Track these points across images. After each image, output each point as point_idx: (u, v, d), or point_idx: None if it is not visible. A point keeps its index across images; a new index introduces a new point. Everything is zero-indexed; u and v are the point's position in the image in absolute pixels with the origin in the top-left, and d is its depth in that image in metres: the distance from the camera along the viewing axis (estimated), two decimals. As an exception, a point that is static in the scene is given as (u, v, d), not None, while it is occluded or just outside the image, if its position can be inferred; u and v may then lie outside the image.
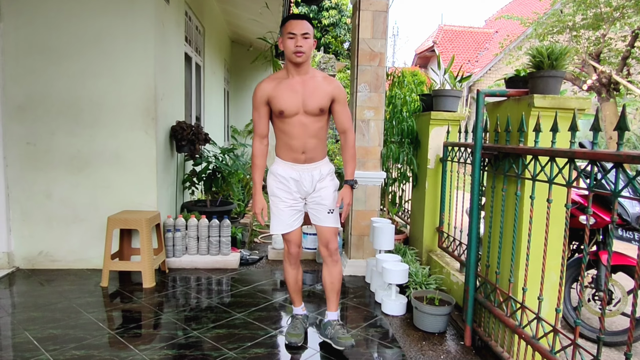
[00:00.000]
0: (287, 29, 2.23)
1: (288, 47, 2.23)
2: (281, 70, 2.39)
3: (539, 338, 2.03)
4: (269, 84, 2.32)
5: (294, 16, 2.27)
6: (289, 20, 2.25)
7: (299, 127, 2.30)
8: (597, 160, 1.71)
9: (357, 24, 3.55)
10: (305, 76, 2.30)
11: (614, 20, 8.87)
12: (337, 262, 2.45)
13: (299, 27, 2.21)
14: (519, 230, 2.26)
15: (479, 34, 19.17)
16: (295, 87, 2.28)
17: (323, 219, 2.42)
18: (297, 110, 2.28)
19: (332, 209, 2.42)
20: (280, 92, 2.27)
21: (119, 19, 3.43)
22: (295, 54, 2.21)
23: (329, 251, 2.43)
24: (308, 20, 2.26)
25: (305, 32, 2.21)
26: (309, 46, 2.24)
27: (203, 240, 3.83)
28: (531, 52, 2.31)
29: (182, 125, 3.93)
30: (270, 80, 2.34)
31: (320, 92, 2.29)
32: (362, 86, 3.60)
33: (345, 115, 2.40)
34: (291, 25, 2.22)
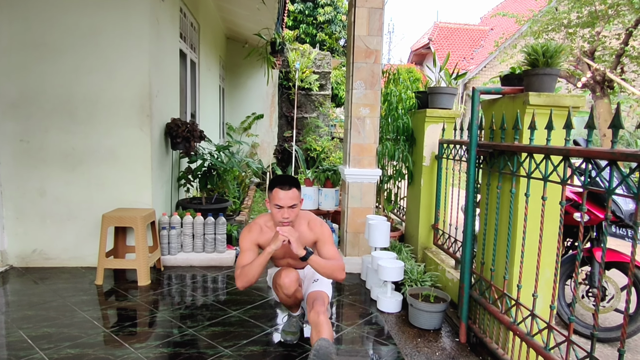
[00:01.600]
0: (274, 199, 2.23)
1: (275, 216, 2.24)
2: (268, 216, 2.39)
3: (533, 335, 2.04)
4: (257, 233, 2.36)
5: (281, 183, 2.24)
6: (275, 187, 2.24)
7: (287, 264, 2.47)
8: (592, 158, 1.72)
9: (353, 21, 3.54)
10: None
11: (609, 18, 8.91)
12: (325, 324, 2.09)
13: (285, 200, 2.20)
14: (513, 228, 2.27)
15: (474, 32, 19.19)
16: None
17: (310, 286, 2.39)
18: (283, 256, 2.42)
19: (317, 278, 2.41)
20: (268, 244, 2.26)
21: (114, 14, 3.40)
22: (282, 223, 2.23)
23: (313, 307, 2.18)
24: (296, 185, 2.26)
25: (293, 204, 2.22)
26: (296, 214, 2.26)
27: (198, 237, 3.82)
28: (526, 50, 2.32)
29: (177, 122, 3.91)
30: (258, 228, 2.36)
31: (304, 242, 2.31)
32: (357, 83, 3.59)
33: (329, 252, 2.34)
34: (278, 196, 2.21)
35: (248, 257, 2.30)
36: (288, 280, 2.27)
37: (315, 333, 2.04)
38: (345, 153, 3.74)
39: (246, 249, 2.33)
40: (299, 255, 2.18)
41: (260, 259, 2.21)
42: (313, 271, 2.44)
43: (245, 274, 2.22)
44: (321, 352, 1.95)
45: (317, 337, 2.01)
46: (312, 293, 2.30)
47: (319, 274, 2.40)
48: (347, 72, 3.72)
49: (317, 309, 2.15)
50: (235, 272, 2.28)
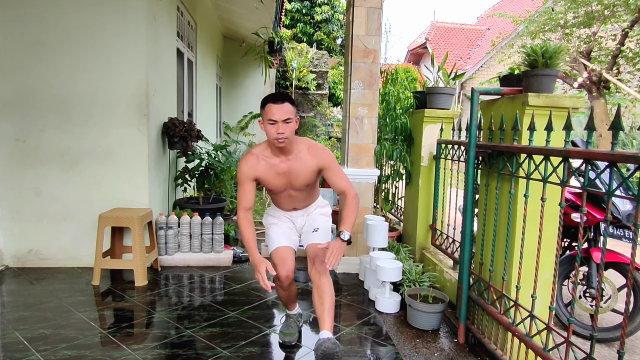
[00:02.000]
0: (267, 115, 2.10)
1: (269, 133, 2.11)
2: (264, 144, 2.26)
3: (532, 335, 2.05)
4: (254, 163, 2.21)
5: (274, 98, 2.12)
6: (268, 103, 2.11)
7: (287, 197, 2.37)
8: (591, 160, 1.72)
9: (351, 20, 3.53)
10: (289, 156, 2.22)
11: (605, 18, 8.95)
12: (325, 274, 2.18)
13: (279, 113, 2.07)
14: (512, 228, 2.27)
15: (471, 31, 19.23)
16: (281, 169, 2.23)
17: (310, 237, 2.35)
18: (284, 188, 2.30)
19: (318, 227, 2.37)
20: (267, 175, 2.22)
21: (111, 13, 3.37)
22: (277, 140, 2.10)
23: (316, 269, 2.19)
24: (289, 100, 2.15)
25: (287, 118, 2.09)
26: (292, 130, 2.12)
27: (196, 237, 3.80)
28: (525, 51, 2.32)
29: (174, 121, 3.89)
30: (255, 158, 2.22)
31: (305, 170, 2.24)
32: (356, 83, 3.58)
33: (338, 178, 2.28)
34: (271, 111, 2.08)
35: (246, 193, 2.23)
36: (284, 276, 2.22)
37: (319, 298, 2.11)
38: (343, 153, 3.73)
39: (242, 183, 2.22)
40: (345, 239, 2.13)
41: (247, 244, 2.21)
42: (313, 218, 2.40)
43: (240, 231, 2.26)
44: (327, 353, 1.94)
45: (320, 304, 2.09)
46: (313, 247, 2.27)
47: (318, 222, 2.38)
48: (345, 71, 3.71)
49: (318, 268, 2.16)
50: (238, 207, 2.27)
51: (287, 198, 2.35)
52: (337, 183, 2.29)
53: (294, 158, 2.24)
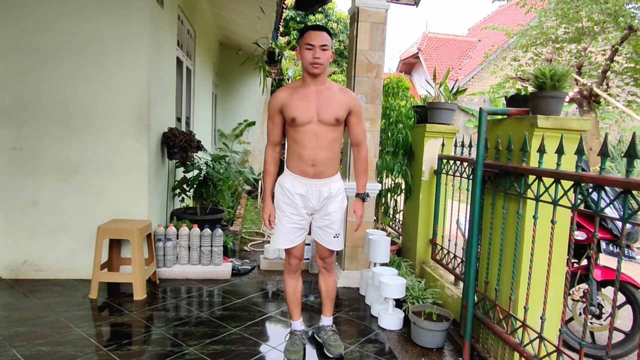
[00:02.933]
0: (305, 40, 2.21)
1: (305, 58, 2.21)
2: (297, 80, 2.37)
3: (541, 357, 2.05)
4: (283, 93, 2.30)
5: (312, 27, 2.26)
6: (307, 30, 2.23)
7: (311, 136, 2.27)
8: (603, 185, 1.73)
9: (355, 35, 3.54)
10: (321, 86, 2.29)
11: (595, 34, 9.14)
12: (332, 273, 2.60)
13: (317, 39, 2.19)
14: (520, 248, 2.28)
15: (462, 42, 19.48)
16: (309, 96, 2.26)
17: (329, 242, 2.45)
18: (310, 118, 2.25)
19: (339, 233, 2.43)
20: (294, 101, 2.25)
21: (113, 22, 3.34)
22: (313, 65, 2.20)
23: (325, 264, 2.56)
24: (327, 31, 2.24)
25: (324, 44, 2.20)
26: (327, 58, 2.23)
27: (194, 249, 3.76)
28: (534, 73, 2.34)
29: (174, 132, 3.85)
30: (286, 88, 2.33)
31: (335, 102, 2.28)
32: (359, 97, 3.59)
33: (360, 128, 2.42)
34: (310, 36, 2.20)
35: (274, 126, 2.36)
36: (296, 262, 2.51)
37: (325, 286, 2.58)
38: (345, 167, 3.73)
39: (271, 115, 2.34)
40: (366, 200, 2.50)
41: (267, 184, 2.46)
42: (334, 220, 2.40)
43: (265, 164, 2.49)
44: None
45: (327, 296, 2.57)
46: (327, 250, 2.49)
47: (337, 225, 2.42)
48: (348, 85, 3.71)
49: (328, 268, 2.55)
50: (267, 143, 2.44)
51: (311, 137, 2.25)
52: (357, 132, 2.41)
53: (326, 89, 2.30)
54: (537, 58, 10.45)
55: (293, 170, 2.37)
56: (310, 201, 2.36)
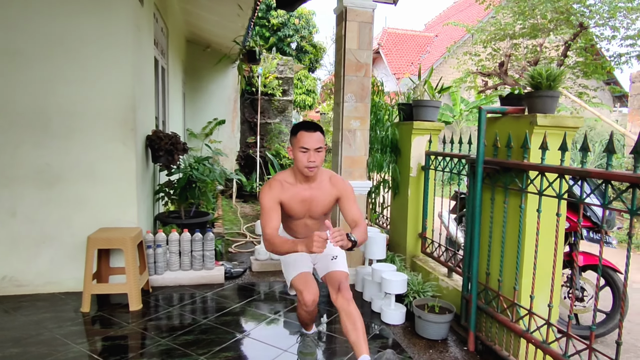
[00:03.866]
0: (299, 142, 2.13)
1: (300, 161, 2.14)
2: (288, 171, 2.30)
3: (550, 342, 2.18)
4: (276, 190, 2.21)
5: (305, 126, 2.17)
6: (300, 131, 2.15)
7: (303, 227, 2.36)
8: (611, 180, 1.86)
9: (344, 34, 3.56)
10: (313, 184, 2.25)
11: (549, 31, 9.64)
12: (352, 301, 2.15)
13: (312, 142, 2.11)
14: (522, 240, 2.40)
15: (420, 38, 19.95)
16: (303, 196, 2.25)
17: (330, 265, 2.34)
18: (302, 215, 2.30)
19: (336, 255, 2.37)
20: (290, 201, 2.23)
21: (93, 21, 3.17)
22: (308, 168, 2.14)
23: (341, 291, 2.16)
24: (321, 130, 2.19)
25: (319, 147, 2.14)
26: (321, 159, 2.18)
27: (186, 255, 3.66)
28: (530, 73, 2.46)
29: (159, 134, 3.72)
30: (279, 184, 2.23)
31: (326, 199, 2.28)
32: (348, 96, 3.62)
33: (354, 209, 2.29)
34: (304, 139, 2.12)
35: (273, 218, 2.16)
36: (311, 300, 2.15)
37: (352, 327, 2.05)
38: (336, 165, 3.75)
39: (269, 208, 2.17)
40: (347, 247, 2.03)
41: (286, 246, 2.06)
42: (331, 246, 2.32)
43: (271, 246, 2.11)
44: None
45: (354, 330, 2.05)
46: (335, 274, 2.26)
47: (337, 250, 2.36)
48: (337, 84, 3.74)
49: (345, 295, 2.12)
50: (263, 235, 2.16)
51: (302, 227, 2.35)
52: (351, 214, 2.28)
53: (317, 187, 2.27)
54: (496, 53, 10.90)
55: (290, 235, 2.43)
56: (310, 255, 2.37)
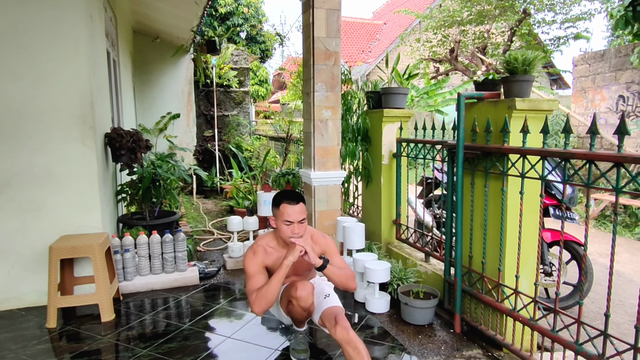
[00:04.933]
0: (282, 215, 2.18)
1: (284, 233, 2.19)
2: (270, 235, 2.33)
3: (537, 319, 2.26)
4: (262, 255, 2.27)
5: (288, 198, 2.21)
6: (282, 203, 2.19)
7: (289, 281, 2.34)
8: (595, 160, 1.93)
9: (312, 22, 3.48)
10: None
11: (495, 17, 10.01)
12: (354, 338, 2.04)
13: (295, 214, 2.17)
14: (505, 223, 2.46)
15: (369, 25, 20.10)
16: None
17: (323, 304, 2.27)
18: (289, 275, 2.31)
19: (328, 293, 2.34)
20: (275, 265, 2.27)
21: (45, 10, 2.88)
22: (291, 239, 2.17)
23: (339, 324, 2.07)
24: (302, 199, 2.25)
25: (302, 218, 2.19)
26: (304, 228, 2.23)
27: (156, 258, 3.48)
28: (505, 58, 2.50)
29: (119, 132, 3.48)
30: (261, 249, 2.28)
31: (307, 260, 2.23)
32: (319, 86, 3.55)
33: (340, 264, 2.33)
34: (287, 212, 2.17)
35: (260, 281, 2.20)
36: (305, 293, 2.17)
37: (355, 353, 1.99)
38: (309, 157, 3.68)
39: (255, 273, 2.23)
40: (316, 265, 2.16)
41: (279, 275, 2.12)
42: (322, 287, 2.38)
43: (263, 296, 2.11)
44: None
45: (357, 355, 1.97)
46: (330, 309, 2.22)
47: (328, 290, 2.36)
48: (307, 74, 3.65)
49: (343, 324, 2.08)
50: (249, 298, 2.16)
51: (288, 282, 2.34)
52: (336, 263, 2.31)
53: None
54: (446, 40, 11.19)
55: None
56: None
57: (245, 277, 2.25)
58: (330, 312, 2.20)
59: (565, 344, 2.06)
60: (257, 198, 4.07)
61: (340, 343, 2.05)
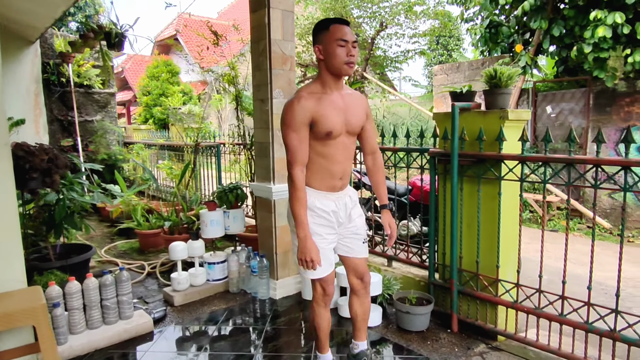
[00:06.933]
0: (335, 34, 1.90)
1: (339, 56, 1.90)
2: (312, 83, 2.03)
3: (542, 307, 2.52)
4: (309, 101, 1.93)
5: (337, 19, 1.96)
6: (334, 24, 1.93)
7: (342, 149, 2.06)
8: (600, 165, 2.24)
9: (267, 22, 3.19)
10: (342, 91, 2.05)
11: (357, 27, 10.81)
12: (369, 294, 2.30)
13: (350, 34, 1.93)
14: (500, 224, 2.67)
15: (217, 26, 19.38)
16: (338, 104, 2.00)
17: (358, 250, 2.23)
18: (341, 130, 2.02)
19: (365, 238, 2.26)
20: (326, 111, 1.95)
21: None
22: (348, 64, 1.93)
23: (364, 283, 2.26)
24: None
25: (355, 40, 1.95)
26: (358, 54, 2.03)
27: (94, 307, 2.73)
28: (489, 73, 2.72)
29: (28, 149, 2.62)
30: (309, 95, 1.95)
31: (358, 109, 2.11)
32: (277, 92, 3.29)
33: (374, 133, 2.25)
34: (341, 31, 1.90)
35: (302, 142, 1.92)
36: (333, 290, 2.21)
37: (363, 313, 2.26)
38: (267, 169, 3.36)
39: (297, 128, 1.90)
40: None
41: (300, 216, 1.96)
42: (360, 225, 2.20)
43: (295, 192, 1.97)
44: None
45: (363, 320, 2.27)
46: (361, 261, 2.23)
47: (362, 229, 2.23)
48: (260, 79, 3.32)
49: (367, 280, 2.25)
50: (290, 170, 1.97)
51: (341, 150, 2.04)
52: (372, 137, 2.24)
53: (347, 94, 2.07)
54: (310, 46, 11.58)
55: (320, 187, 2.07)
56: (340, 216, 2.14)
57: (284, 137, 1.94)
58: (360, 265, 2.22)
59: (577, 325, 2.35)
60: (202, 218, 3.55)
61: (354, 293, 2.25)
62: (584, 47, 5.45)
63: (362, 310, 2.27)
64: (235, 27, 4.65)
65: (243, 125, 4.35)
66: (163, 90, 13.32)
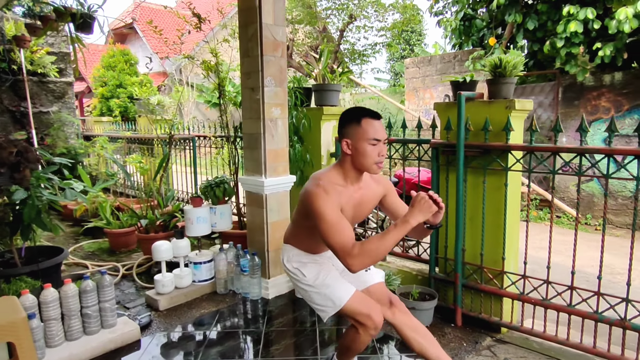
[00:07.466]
0: (367, 133, 1.74)
1: (370, 156, 1.76)
2: (333, 171, 1.85)
3: (550, 298, 2.50)
4: (336, 194, 1.76)
5: (366, 111, 1.81)
6: (366, 117, 1.76)
7: None
8: (613, 154, 2.23)
9: (258, 5, 2.98)
10: (361, 184, 1.90)
11: (325, 19, 10.64)
12: (407, 311, 2.01)
13: (383, 131, 1.79)
14: (507, 214, 2.63)
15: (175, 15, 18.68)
16: (354, 199, 1.87)
17: (370, 277, 2.06)
18: (351, 223, 1.88)
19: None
20: (345, 207, 1.81)
21: None
22: (377, 164, 1.78)
23: (396, 306, 1.99)
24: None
25: (387, 137, 1.84)
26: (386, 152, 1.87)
27: (73, 317, 2.46)
28: (492, 63, 2.66)
29: (-6, 140, 2.29)
30: (334, 190, 1.76)
31: (373, 200, 1.96)
32: (268, 80, 3.09)
33: (401, 203, 2.02)
34: (374, 129, 1.75)
35: (347, 228, 1.70)
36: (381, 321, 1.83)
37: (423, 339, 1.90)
38: (258, 162, 3.16)
39: (339, 219, 1.70)
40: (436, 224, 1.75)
41: (398, 233, 1.63)
42: None
43: (372, 253, 1.61)
44: None
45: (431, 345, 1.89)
46: (379, 287, 2.03)
47: None
48: (251, 66, 3.11)
49: (402, 309, 1.98)
50: (346, 250, 1.63)
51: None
52: (402, 207, 1.99)
53: (365, 186, 1.92)
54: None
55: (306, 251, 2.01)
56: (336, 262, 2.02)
57: (323, 224, 1.68)
58: (380, 291, 2.01)
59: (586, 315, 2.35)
60: (187, 215, 3.30)
61: (400, 328, 1.91)
62: (557, 42, 5.59)
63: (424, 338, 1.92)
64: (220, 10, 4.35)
65: (226, 116, 4.11)
66: (120, 81, 12.61)
